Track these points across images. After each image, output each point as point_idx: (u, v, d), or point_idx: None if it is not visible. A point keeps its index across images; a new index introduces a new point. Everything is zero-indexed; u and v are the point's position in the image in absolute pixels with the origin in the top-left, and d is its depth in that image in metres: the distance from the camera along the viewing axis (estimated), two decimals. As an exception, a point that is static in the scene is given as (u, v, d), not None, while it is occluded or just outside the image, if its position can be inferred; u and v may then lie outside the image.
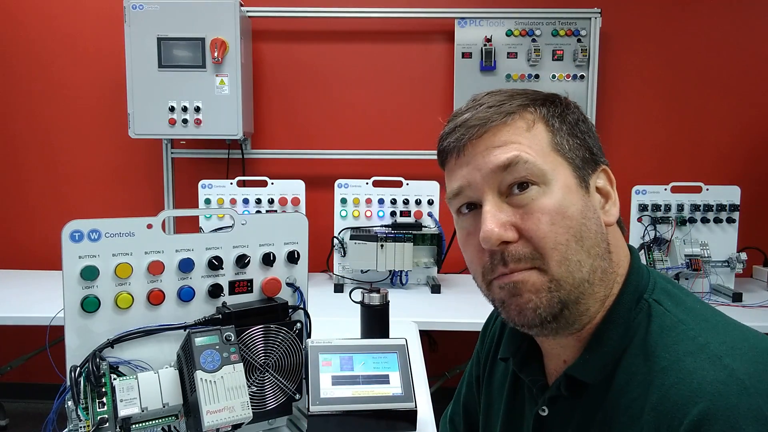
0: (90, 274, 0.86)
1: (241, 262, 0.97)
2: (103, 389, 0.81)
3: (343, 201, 2.43)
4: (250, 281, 1.00)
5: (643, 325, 0.68)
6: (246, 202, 2.44)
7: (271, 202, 2.43)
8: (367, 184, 2.43)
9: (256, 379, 0.96)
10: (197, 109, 2.50)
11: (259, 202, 2.43)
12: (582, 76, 2.67)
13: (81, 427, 0.79)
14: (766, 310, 2.11)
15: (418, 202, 2.43)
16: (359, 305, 1.33)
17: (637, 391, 0.64)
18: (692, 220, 2.26)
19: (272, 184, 2.44)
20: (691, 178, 2.39)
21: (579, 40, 2.65)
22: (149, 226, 0.90)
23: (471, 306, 2.06)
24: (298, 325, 1.00)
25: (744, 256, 2.25)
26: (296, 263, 1.03)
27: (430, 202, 2.43)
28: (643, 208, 2.27)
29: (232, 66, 2.48)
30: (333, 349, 1.02)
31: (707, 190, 2.28)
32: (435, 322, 2.03)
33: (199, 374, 0.82)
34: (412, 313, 1.96)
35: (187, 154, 2.82)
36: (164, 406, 0.85)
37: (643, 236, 2.26)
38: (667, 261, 2.22)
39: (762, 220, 2.78)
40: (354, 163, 2.82)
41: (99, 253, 0.87)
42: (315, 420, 0.96)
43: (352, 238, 2.30)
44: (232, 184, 2.44)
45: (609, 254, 0.70)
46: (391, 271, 2.37)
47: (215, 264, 0.95)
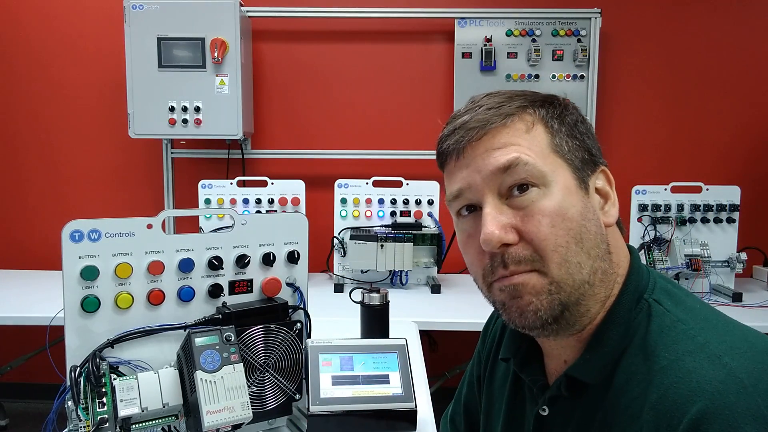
0: (90, 274, 0.86)
1: (241, 262, 0.97)
2: (103, 389, 0.81)
3: (343, 201, 2.43)
4: (250, 281, 1.00)
5: (643, 325, 0.68)
6: (246, 202, 2.44)
7: (271, 202, 2.43)
8: (367, 184, 2.43)
9: (256, 379, 0.96)
10: (197, 109, 2.50)
11: (259, 202, 2.43)
12: (582, 76, 2.67)
13: (81, 427, 0.79)
14: (766, 310, 2.11)
15: (418, 202, 2.43)
16: (359, 305, 1.33)
17: (636, 391, 0.64)
18: (692, 220, 2.26)
19: (272, 184, 2.44)
20: (691, 178, 2.39)
21: (579, 40, 2.65)
22: (149, 226, 0.90)
23: (471, 306, 2.06)
24: (298, 325, 1.00)
25: (744, 256, 2.25)
26: (296, 263, 1.03)
27: (430, 202, 2.43)
28: (643, 208, 2.27)
29: (232, 66, 2.48)
30: (333, 349, 1.02)
31: (707, 190, 2.28)
32: (435, 322, 2.03)
33: (199, 374, 0.82)
34: (412, 313, 1.96)
35: (187, 154, 2.82)
36: (164, 406, 0.85)
37: (643, 236, 2.26)
38: (667, 261, 2.22)
39: (762, 220, 2.78)
40: (354, 163, 2.82)
41: (99, 253, 0.87)
42: (315, 420, 0.96)
43: (352, 238, 2.30)
44: (232, 184, 2.44)
45: (609, 255, 0.70)
46: (391, 271, 2.37)
47: (215, 264, 0.95)
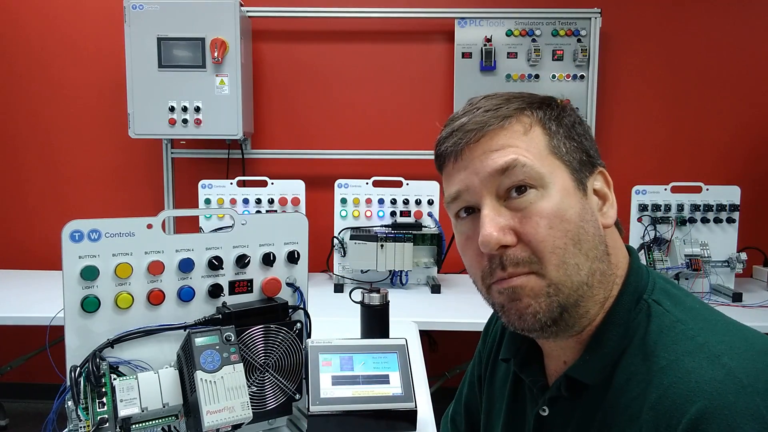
0: (90, 274, 0.86)
1: (241, 262, 0.97)
2: (103, 389, 0.81)
3: (343, 201, 2.43)
4: (250, 281, 1.00)
5: (643, 326, 0.68)
6: (246, 202, 2.44)
7: (271, 202, 2.43)
8: (367, 184, 2.43)
9: (256, 379, 0.96)
10: (197, 109, 2.50)
11: (259, 202, 2.43)
12: (582, 76, 2.67)
13: (81, 427, 0.79)
14: (766, 310, 2.11)
15: (418, 202, 2.43)
16: (359, 305, 1.33)
17: (636, 391, 0.65)
18: (692, 220, 2.26)
19: (272, 184, 2.44)
20: (691, 178, 2.39)
21: (579, 40, 2.65)
22: (149, 226, 0.90)
23: (471, 306, 2.06)
24: (298, 325, 1.00)
25: (744, 256, 2.25)
26: (296, 263, 1.03)
27: (430, 202, 2.43)
28: (643, 208, 2.27)
29: (232, 66, 2.48)
30: (333, 349, 1.02)
31: (707, 190, 2.28)
32: (435, 322, 2.03)
33: (199, 374, 0.82)
34: (412, 313, 1.96)
35: (187, 154, 2.82)
36: (164, 406, 0.85)
37: (643, 236, 2.26)
38: (667, 261, 2.22)
39: (762, 220, 2.78)
40: (354, 163, 2.82)
41: (99, 253, 0.87)
42: (315, 420, 0.96)
43: (352, 238, 2.30)
44: (232, 184, 2.44)
45: (608, 256, 0.70)
46: (391, 271, 2.37)
47: (215, 264, 0.95)
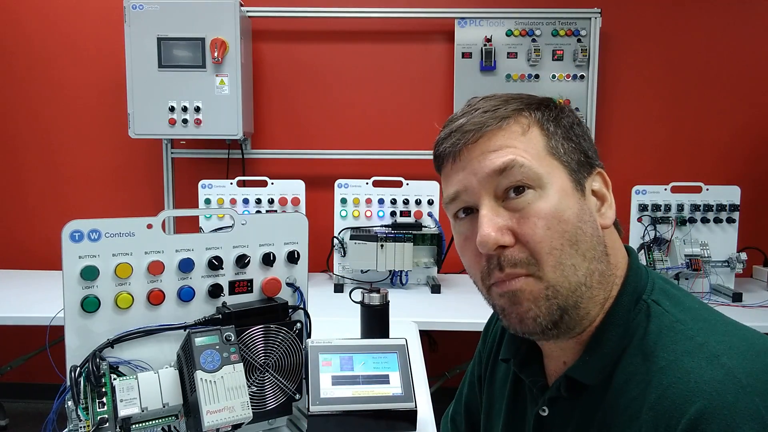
0: (90, 274, 0.86)
1: (241, 262, 0.97)
2: (103, 389, 0.81)
3: (343, 201, 2.43)
4: (250, 281, 1.00)
5: (642, 326, 0.68)
6: (246, 202, 2.44)
7: (271, 202, 2.43)
8: (367, 184, 2.43)
9: (256, 379, 0.96)
10: (197, 109, 2.50)
11: (259, 202, 2.43)
12: (582, 76, 2.67)
13: (81, 427, 0.79)
14: (766, 310, 2.11)
15: (418, 202, 2.43)
16: (359, 305, 1.33)
17: (635, 391, 0.65)
18: (692, 220, 2.26)
19: (272, 184, 2.44)
20: (691, 178, 2.39)
21: (579, 40, 2.65)
22: (149, 226, 0.90)
23: (471, 306, 2.06)
24: (298, 325, 1.00)
25: (744, 256, 2.25)
26: (296, 263, 1.03)
27: (430, 202, 2.43)
28: (643, 208, 2.27)
29: (232, 66, 2.48)
30: (333, 349, 1.02)
31: (707, 190, 2.28)
32: (435, 322, 2.03)
33: (199, 374, 0.82)
34: (412, 313, 1.96)
35: (187, 154, 2.82)
36: (164, 406, 0.85)
37: (643, 236, 2.26)
38: (667, 261, 2.22)
39: (762, 220, 2.78)
40: (354, 163, 2.82)
41: (99, 253, 0.87)
42: (315, 420, 0.96)
43: (352, 238, 2.30)
44: (232, 184, 2.44)
45: (606, 256, 0.71)
46: (391, 271, 2.37)
47: (215, 264, 0.95)
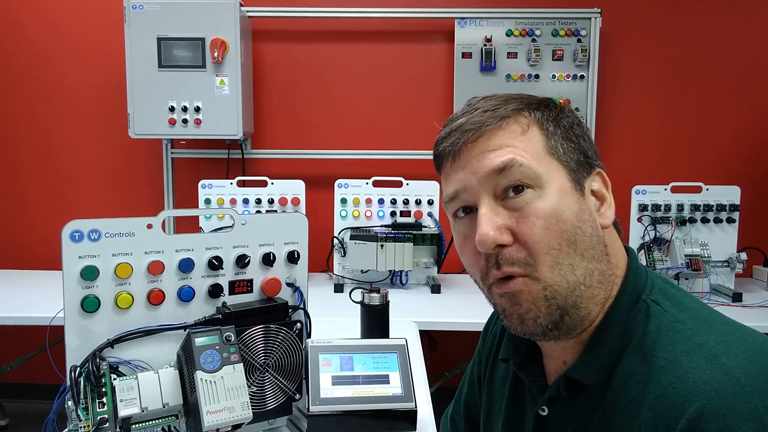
0: (90, 274, 0.86)
1: (241, 262, 0.97)
2: (103, 389, 0.81)
3: (343, 201, 2.43)
4: (250, 281, 1.00)
5: (641, 326, 0.68)
6: (246, 202, 2.44)
7: (271, 202, 2.43)
8: (367, 184, 2.43)
9: (256, 379, 0.96)
10: (197, 109, 2.50)
11: (259, 202, 2.43)
12: (582, 76, 2.67)
13: (81, 427, 0.79)
14: (766, 310, 2.11)
15: (418, 202, 2.43)
16: (359, 305, 1.33)
17: (635, 391, 0.65)
18: (692, 220, 2.26)
19: (272, 184, 2.44)
20: (691, 178, 2.39)
21: (579, 40, 2.65)
22: (149, 226, 0.90)
23: (471, 306, 2.06)
24: (298, 325, 1.00)
25: (744, 256, 2.25)
26: (296, 263, 1.03)
27: (430, 202, 2.43)
28: (643, 208, 2.27)
29: (232, 66, 2.48)
30: (333, 349, 1.02)
31: (707, 190, 2.28)
32: (435, 322, 2.03)
33: (199, 374, 0.82)
34: (412, 313, 1.96)
35: (187, 154, 2.82)
36: (164, 406, 0.85)
37: (643, 236, 2.26)
38: (667, 261, 2.22)
39: (762, 220, 2.78)
40: (354, 163, 2.82)
41: (99, 253, 0.87)
42: (315, 420, 0.96)
43: (352, 238, 2.30)
44: (232, 184, 2.44)
45: (606, 256, 0.71)
46: (391, 271, 2.37)
47: (215, 264, 0.95)
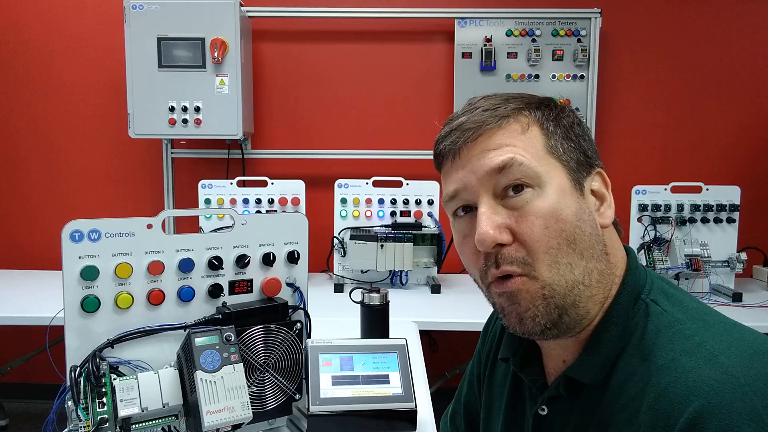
0: (90, 274, 0.86)
1: (241, 262, 0.97)
2: (103, 389, 0.81)
3: (343, 201, 2.43)
4: (250, 281, 1.00)
5: (641, 325, 0.68)
6: (246, 202, 2.44)
7: (271, 202, 2.43)
8: (367, 184, 2.43)
9: (256, 379, 0.96)
10: (197, 109, 2.50)
11: (259, 202, 2.43)
12: (582, 76, 2.67)
13: (81, 427, 0.79)
14: (766, 310, 2.11)
15: (418, 202, 2.43)
16: (359, 305, 1.33)
17: (634, 390, 0.65)
18: (692, 220, 2.26)
19: (272, 184, 2.44)
20: (691, 178, 2.39)
21: (579, 40, 2.65)
22: (149, 226, 0.90)
23: (471, 306, 2.06)
24: (298, 325, 1.00)
25: (744, 256, 2.25)
26: (296, 263, 1.03)
27: (430, 202, 2.43)
28: (643, 208, 2.27)
29: (232, 66, 2.48)
30: (333, 349, 1.02)
31: (707, 190, 2.28)
32: (435, 322, 2.03)
33: (199, 374, 0.82)
34: (412, 313, 1.96)
35: (187, 154, 2.82)
36: (164, 406, 0.85)
37: (643, 236, 2.26)
38: (667, 261, 2.22)
39: (762, 220, 2.78)
40: (354, 163, 2.82)
41: (99, 253, 0.87)
42: (315, 420, 0.96)
43: (352, 238, 2.30)
44: (232, 184, 2.44)
45: (606, 255, 0.71)
46: (391, 271, 2.37)
47: (215, 264, 0.95)
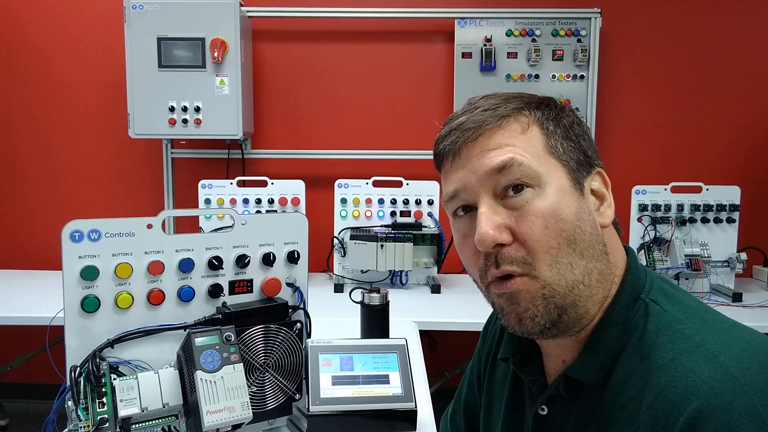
0: (90, 274, 0.86)
1: (241, 262, 0.97)
2: (103, 389, 0.81)
3: (343, 201, 2.43)
4: (250, 281, 1.00)
5: (640, 325, 0.68)
6: (246, 202, 2.44)
7: (271, 202, 2.43)
8: (367, 184, 2.43)
9: (256, 379, 0.96)
10: (197, 109, 2.50)
11: (259, 202, 2.43)
12: (582, 76, 2.67)
13: (81, 427, 0.79)
14: (766, 310, 2.11)
15: (418, 202, 2.43)
16: (359, 305, 1.33)
17: (634, 390, 0.65)
18: (692, 220, 2.26)
19: (272, 184, 2.44)
20: (691, 178, 2.39)
21: (579, 40, 2.65)
22: (149, 226, 0.90)
23: (471, 306, 2.06)
24: (298, 325, 1.00)
25: (744, 256, 2.25)
26: (296, 263, 1.03)
27: (430, 202, 2.43)
28: (643, 208, 2.27)
29: (232, 66, 2.48)
30: (333, 349, 1.02)
31: (707, 190, 2.28)
32: (435, 322, 2.03)
33: (199, 374, 0.82)
34: (412, 313, 1.96)
35: (187, 154, 2.82)
36: (164, 406, 0.85)
37: (643, 236, 2.26)
38: (667, 261, 2.22)
39: (762, 220, 2.78)
40: (354, 163, 2.82)
41: (99, 253, 0.87)
42: (315, 420, 0.96)
43: (352, 238, 2.30)
44: (232, 184, 2.44)
45: (606, 255, 0.71)
46: (391, 271, 2.37)
47: (215, 264, 0.95)
